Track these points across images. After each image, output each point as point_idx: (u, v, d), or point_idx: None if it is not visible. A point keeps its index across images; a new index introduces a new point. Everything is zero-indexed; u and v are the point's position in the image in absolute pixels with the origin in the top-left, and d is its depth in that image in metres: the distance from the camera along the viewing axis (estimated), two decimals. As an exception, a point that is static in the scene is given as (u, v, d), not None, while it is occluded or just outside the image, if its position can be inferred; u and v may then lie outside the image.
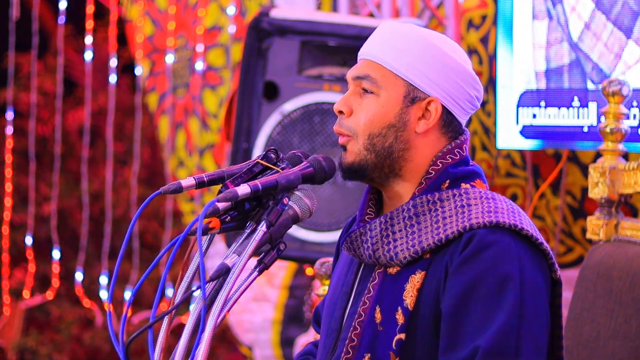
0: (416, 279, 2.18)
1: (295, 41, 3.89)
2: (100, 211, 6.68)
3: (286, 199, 2.15)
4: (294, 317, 5.50)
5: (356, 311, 2.23)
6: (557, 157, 4.05)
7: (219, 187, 2.17)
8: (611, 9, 3.43)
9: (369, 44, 2.28)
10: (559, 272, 2.21)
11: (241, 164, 2.22)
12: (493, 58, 4.19)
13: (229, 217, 2.12)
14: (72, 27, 7.17)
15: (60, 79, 6.44)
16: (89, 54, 6.26)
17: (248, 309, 5.57)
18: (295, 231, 3.80)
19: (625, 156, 3.23)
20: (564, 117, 3.56)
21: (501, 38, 3.79)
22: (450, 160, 2.24)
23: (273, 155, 2.22)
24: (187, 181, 2.15)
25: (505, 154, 4.25)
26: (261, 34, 3.91)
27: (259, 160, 2.20)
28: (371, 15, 4.65)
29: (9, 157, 6.56)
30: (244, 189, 2.09)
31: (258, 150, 3.87)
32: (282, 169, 2.20)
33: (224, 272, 2.06)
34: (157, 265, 2.11)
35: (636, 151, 3.31)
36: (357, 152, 2.24)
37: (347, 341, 2.22)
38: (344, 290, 2.30)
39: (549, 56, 3.65)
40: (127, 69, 7.01)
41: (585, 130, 3.48)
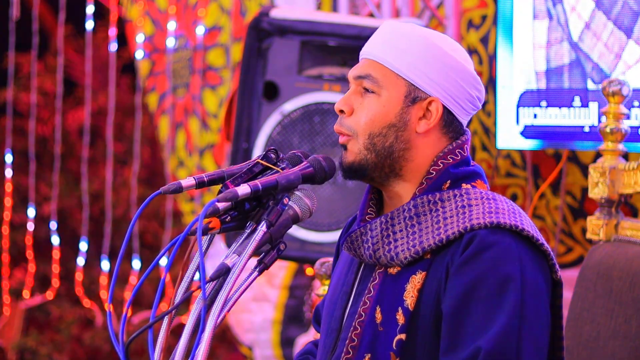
0: (417, 279, 2.18)
1: (295, 41, 3.89)
2: (100, 211, 6.67)
3: (286, 199, 2.14)
4: (294, 317, 5.49)
5: (356, 311, 2.23)
6: (557, 157, 4.04)
7: (219, 187, 2.17)
8: (611, 8, 3.43)
9: (370, 44, 2.27)
10: (559, 273, 2.21)
11: (241, 164, 2.21)
12: (493, 58, 4.19)
13: (229, 217, 2.12)
14: (72, 27, 7.17)
15: (60, 79, 6.44)
16: (89, 54, 6.26)
17: (248, 309, 5.56)
18: (295, 231, 3.80)
19: (625, 156, 3.23)
20: (565, 117, 3.56)
21: (501, 38, 3.79)
22: (452, 161, 2.24)
23: (273, 155, 2.22)
24: (187, 181, 2.15)
25: (505, 154, 4.25)
26: (261, 34, 3.91)
27: (259, 160, 2.20)
28: (371, 15, 4.65)
29: (9, 157, 6.56)
30: (244, 189, 2.09)
31: (258, 150, 3.87)
32: (282, 169, 2.20)
33: (224, 272, 2.06)
34: (157, 265, 2.11)
35: (636, 151, 3.31)
36: (358, 152, 2.24)
37: (347, 341, 2.22)
38: (344, 290, 2.30)
39: (549, 56, 3.65)
40: (127, 69, 7.01)
41: (587, 130, 3.48)
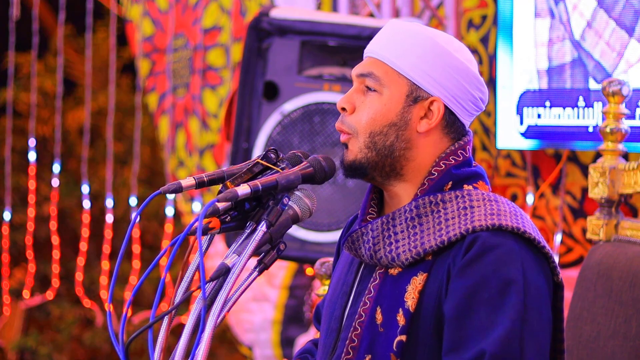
0: (418, 280, 2.17)
1: (295, 41, 3.89)
2: (100, 211, 6.68)
3: (286, 199, 2.14)
4: (294, 317, 5.49)
5: (356, 311, 2.23)
6: (557, 157, 4.04)
7: (219, 187, 2.17)
8: (613, 7, 3.43)
9: (374, 42, 2.27)
10: (560, 276, 2.20)
11: (241, 164, 2.21)
12: (493, 58, 4.18)
13: (229, 217, 2.12)
14: (72, 27, 7.17)
15: (60, 79, 6.44)
16: (89, 54, 6.26)
17: (248, 309, 5.56)
18: (295, 231, 3.80)
19: (625, 156, 3.22)
20: (569, 117, 3.56)
21: (501, 38, 3.79)
22: (454, 162, 2.23)
23: (273, 155, 2.22)
24: (187, 181, 2.15)
25: (505, 154, 4.25)
26: (261, 34, 3.91)
27: (259, 160, 2.20)
28: (371, 15, 4.65)
29: (9, 157, 6.56)
30: (244, 189, 2.09)
31: (258, 150, 3.87)
32: (282, 169, 2.19)
33: (224, 272, 2.05)
34: (157, 265, 2.11)
35: (636, 151, 3.31)
36: (358, 150, 2.23)
37: (347, 341, 2.21)
38: (344, 289, 2.30)
39: (551, 54, 3.65)
40: (127, 69, 7.01)
41: (590, 130, 3.48)
